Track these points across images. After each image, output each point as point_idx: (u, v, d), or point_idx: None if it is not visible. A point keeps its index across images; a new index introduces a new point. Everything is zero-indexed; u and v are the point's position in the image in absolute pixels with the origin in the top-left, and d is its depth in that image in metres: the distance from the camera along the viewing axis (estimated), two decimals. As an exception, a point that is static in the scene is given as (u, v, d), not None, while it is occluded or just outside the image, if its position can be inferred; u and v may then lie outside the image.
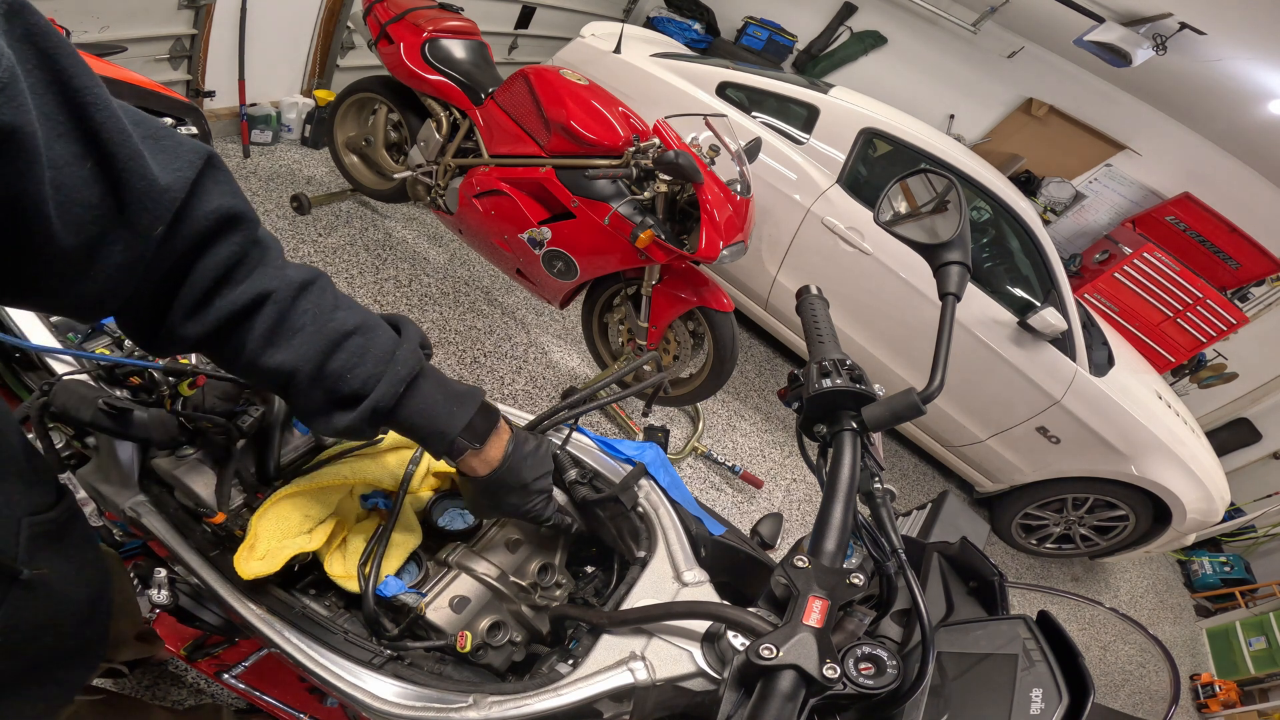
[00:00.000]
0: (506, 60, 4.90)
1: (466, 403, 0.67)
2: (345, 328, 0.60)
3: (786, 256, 3.18)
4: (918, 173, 0.92)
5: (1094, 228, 5.56)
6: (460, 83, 2.43)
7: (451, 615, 0.74)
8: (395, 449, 0.87)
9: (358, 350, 0.60)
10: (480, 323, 2.90)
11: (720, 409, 3.20)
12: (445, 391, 0.66)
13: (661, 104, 2.99)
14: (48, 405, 0.72)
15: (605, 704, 0.65)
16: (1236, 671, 3.78)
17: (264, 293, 0.55)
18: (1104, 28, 3.92)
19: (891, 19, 5.66)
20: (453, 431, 0.66)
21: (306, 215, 2.90)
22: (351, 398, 0.61)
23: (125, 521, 0.78)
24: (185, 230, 0.50)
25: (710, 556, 0.88)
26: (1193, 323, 4.63)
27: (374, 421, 0.62)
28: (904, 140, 3.01)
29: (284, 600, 0.73)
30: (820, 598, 0.57)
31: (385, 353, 0.62)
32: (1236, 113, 4.20)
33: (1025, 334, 2.89)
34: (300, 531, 0.74)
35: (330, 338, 0.59)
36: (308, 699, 0.95)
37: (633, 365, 0.99)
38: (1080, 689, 0.54)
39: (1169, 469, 2.95)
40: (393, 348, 0.63)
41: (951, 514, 2.66)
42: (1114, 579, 3.95)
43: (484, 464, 0.70)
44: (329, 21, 3.35)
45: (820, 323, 0.85)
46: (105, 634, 0.66)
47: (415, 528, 0.81)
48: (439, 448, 0.67)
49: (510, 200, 2.27)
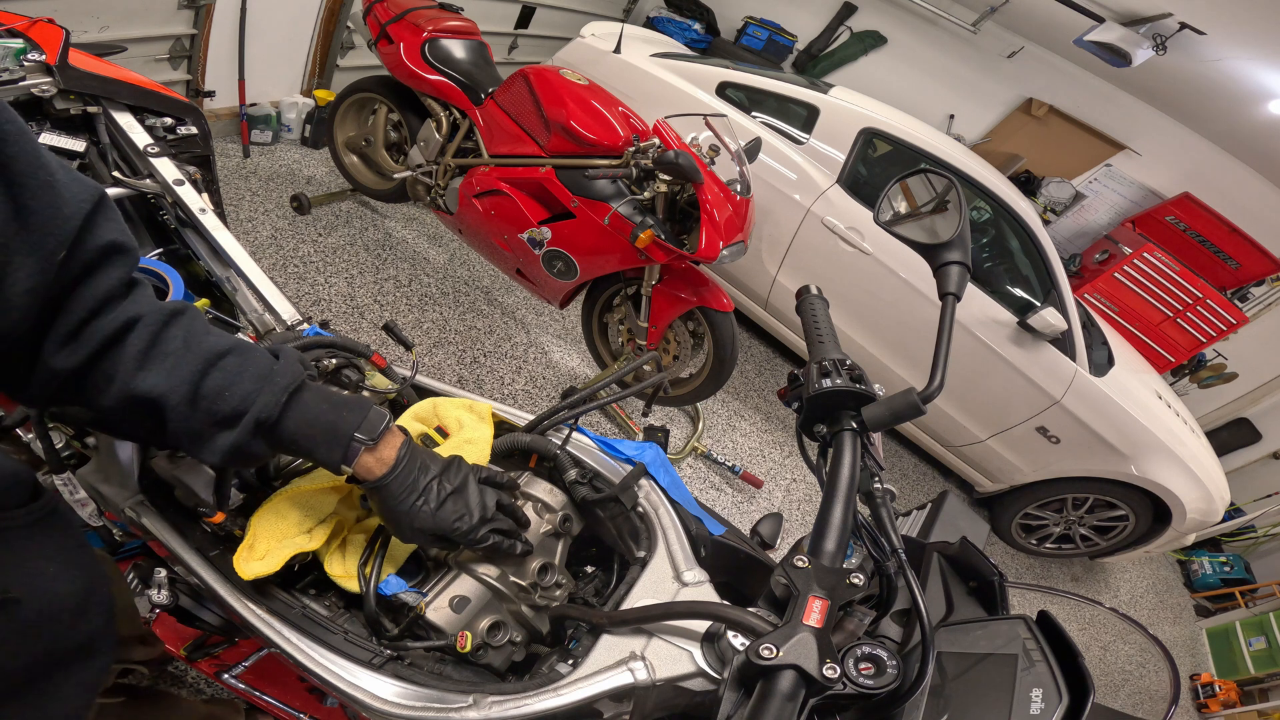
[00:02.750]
0: (506, 60, 4.90)
1: (357, 407, 0.66)
2: (219, 348, 0.60)
3: (786, 256, 3.18)
4: (918, 173, 0.92)
5: (1094, 228, 5.57)
6: (460, 83, 2.43)
7: (451, 615, 0.73)
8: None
9: (234, 369, 0.60)
10: (480, 323, 2.90)
11: (720, 409, 3.20)
12: (331, 400, 0.66)
13: (661, 104, 2.99)
14: (47, 405, 0.71)
15: (605, 704, 0.65)
16: (1236, 671, 3.78)
17: (135, 317, 0.56)
18: (1104, 28, 3.91)
19: (891, 19, 5.66)
20: (348, 428, 0.65)
21: (306, 215, 2.90)
22: (232, 415, 0.60)
23: (125, 521, 0.78)
24: (78, 258, 0.52)
25: (710, 556, 0.88)
26: (1193, 323, 4.63)
27: (259, 435, 0.61)
28: (904, 140, 3.01)
29: (284, 600, 0.73)
30: (820, 598, 0.57)
31: (263, 369, 0.61)
32: (1236, 113, 4.19)
33: (1025, 334, 2.89)
34: (300, 531, 0.74)
35: (204, 357, 0.59)
36: (308, 699, 0.95)
37: (633, 365, 0.99)
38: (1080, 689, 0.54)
39: (1169, 469, 2.95)
40: (270, 364, 0.62)
41: (951, 514, 2.66)
42: (1114, 579, 3.95)
43: (380, 462, 0.68)
44: (329, 21, 3.35)
45: (820, 323, 0.85)
46: (110, 627, 0.66)
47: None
48: (334, 452, 0.65)
49: (510, 200, 2.27)
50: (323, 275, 2.69)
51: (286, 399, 0.62)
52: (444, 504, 0.70)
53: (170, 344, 0.58)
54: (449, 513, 0.70)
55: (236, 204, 2.81)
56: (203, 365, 0.59)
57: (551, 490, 0.87)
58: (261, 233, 2.73)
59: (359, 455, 0.66)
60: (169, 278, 1.02)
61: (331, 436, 0.65)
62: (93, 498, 0.80)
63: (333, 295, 2.62)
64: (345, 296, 2.65)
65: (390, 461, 0.68)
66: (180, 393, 0.57)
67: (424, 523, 0.69)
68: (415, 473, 0.69)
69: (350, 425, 0.65)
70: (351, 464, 0.66)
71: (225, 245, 1.13)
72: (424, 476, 0.70)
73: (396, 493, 0.68)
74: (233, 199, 2.82)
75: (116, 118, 1.20)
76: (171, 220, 1.18)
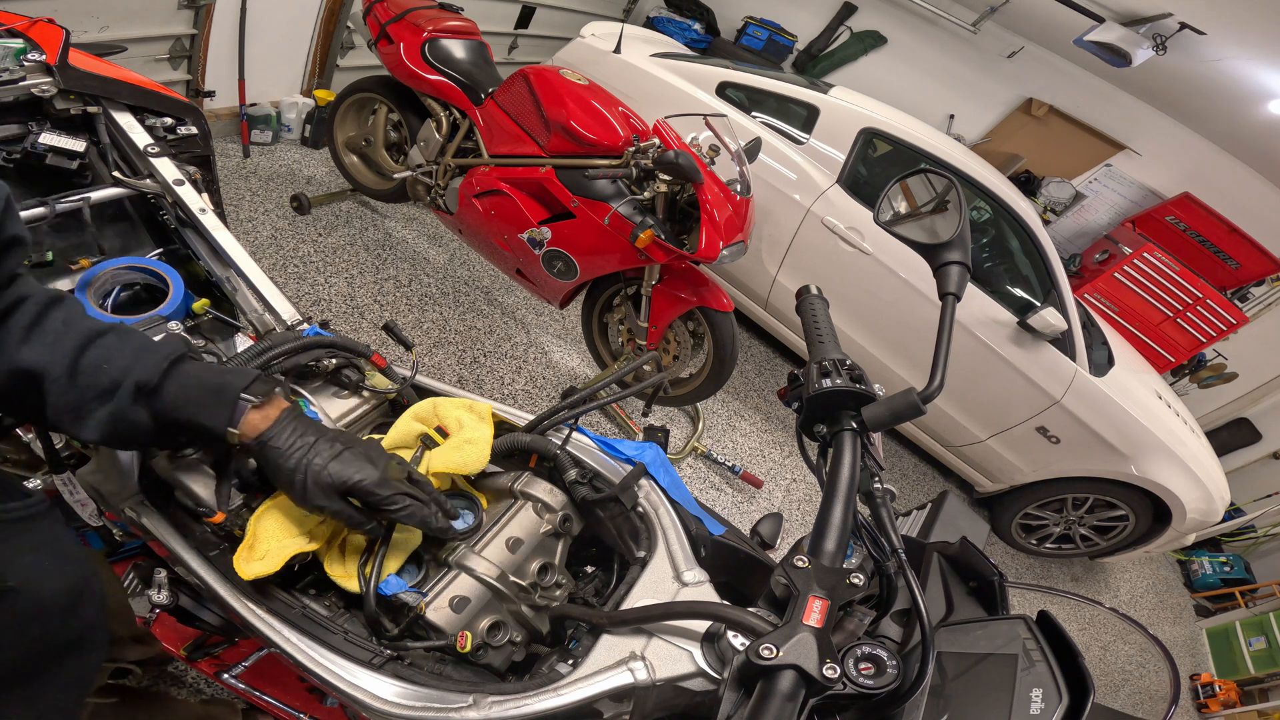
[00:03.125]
0: (506, 60, 4.90)
1: (243, 374, 0.67)
2: (99, 329, 0.62)
3: (786, 256, 3.18)
4: (918, 173, 0.92)
5: (1094, 228, 5.56)
6: (460, 83, 2.43)
7: (451, 615, 0.73)
8: (395, 449, 0.87)
9: (113, 345, 0.62)
10: (480, 323, 2.90)
11: (720, 409, 3.20)
12: (215, 369, 0.67)
13: (661, 104, 2.99)
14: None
15: (605, 704, 0.65)
16: (1236, 671, 3.78)
17: (22, 296, 0.61)
18: (1104, 28, 3.91)
19: (891, 19, 5.66)
20: (234, 387, 0.64)
21: (306, 215, 2.90)
22: (111, 386, 0.61)
23: (125, 521, 0.78)
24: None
25: (710, 556, 0.88)
26: (1193, 323, 4.63)
27: (139, 402, 0.61)
28: (904, 140, 3.01)
29: (284, 600, 0.73)
30: (820, 598, 0.57)
31: (143, 344, 0.63)
32: (1236, 113, 4.19)
33: (1025, 334, 2.89)
34: (300, 531, 0.74)
35: (84, 335, 0.61)
36: (308, 699, 0.96)
37: (633, 365, 0.99)
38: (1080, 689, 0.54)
39: (1169, 469, 2.95)
40: (149, 340, 0.64)
41: (951, 514, 2.66)
42: (1114, 579, 3.95)
43: (266, 418, 0.66)
44: (329, 21, 3.35)
45: (820, 323, 0.85)
46: (101, 623, 0.66)
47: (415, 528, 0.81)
48: (220, 412, 0.64)
49: (510, 200, 2.27)
50: (323, 275, 2.69)
51: (168, 365, 0.63)
52: (340, 457, 0.68)
53: (52, 323, 0.61)
54: (346, 466, 0.67)
55: (236, 204, 2.81)
56: (82, 341, 0.61)
57: (551, 490, 0.87)
58: (261, 233, 2.73)
59: (245, 414, 0.65)
60: (169, 278, 1.02)
61: (217, 397, 0.64)
62: (93, 498, 0.80)
63: (333, 295, 2.62)
64: (345, 296, 2.65)
65: (274, 418, 0.67)
66: (60, 366, 0.59)
67: (318, 476, 0.66)
68: (304, 427, 0.68)
69: (237, 385, 0.65)
70: (238, 424, 0.65)
71: (225, 245, 1.13)
72: (314, 432, 0.69)
73: (284, 447, 0.66)
74: (233, 199, 2.82)
75: (116, 118, 1.20)
76: (171, 220, 1.18)
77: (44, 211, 1.01)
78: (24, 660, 0.56)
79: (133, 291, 1.05)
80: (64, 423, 0.62)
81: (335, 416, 0.90)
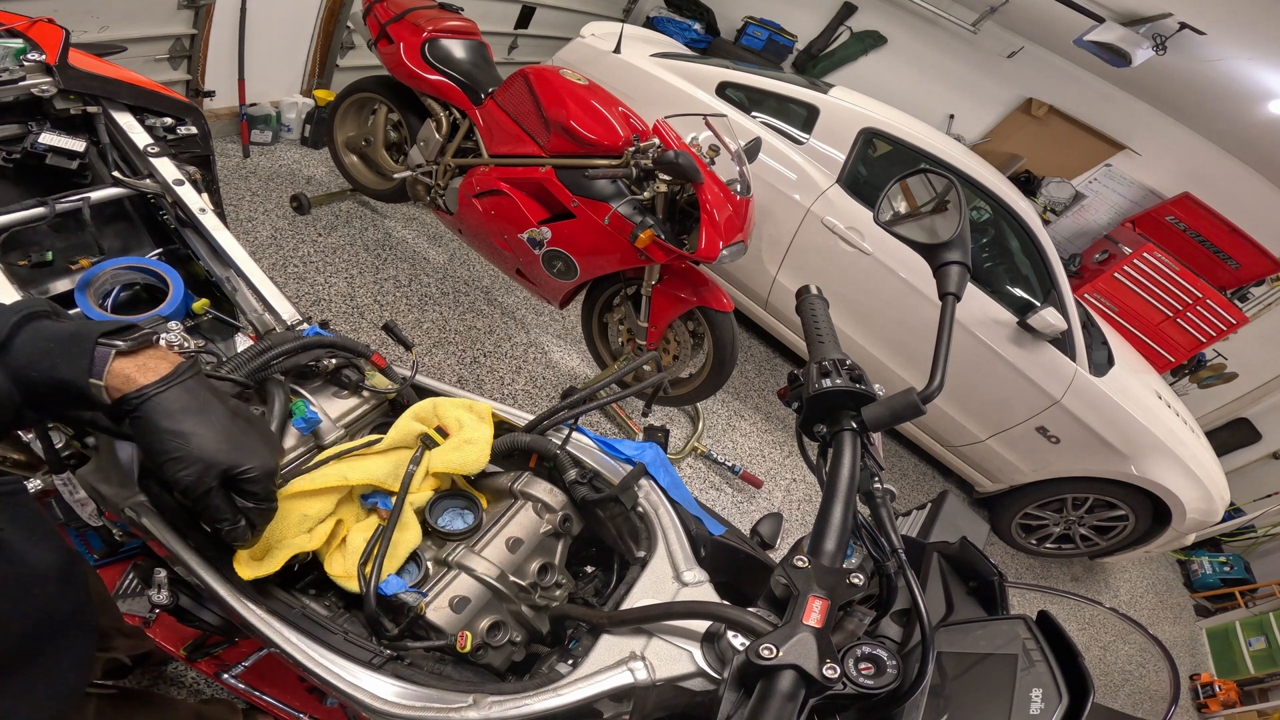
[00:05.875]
0: (506, 60, 4.90)
1: (112, 323, 0.58)
2: None
3: (786, 256, 3.18)
4: (917, 173, 0.92)
5: (1094, 228, 5.56)
6: (460, 83, 2.43)
7: (451, 615, 0.73)
8: (395, 449, 0.86)
9: None
10: (480, 323, 2.90)
11: (720, 409, 3.20)
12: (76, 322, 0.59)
13: (661, 104, 2.99)
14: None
15: (605, 704, 0.64)
16: (1236, 671, 3.78)
17: None
18: (1104, 28, 3.91)
19: (891, 19, 5.66)
20: (91, 332, 0.56)
21: (306, 215, 2.90)
22: None
23: (125, 521, 0.78)
24: None
25: (710, 556, 0.88)
26: (1192, 323, 4.63)
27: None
28: (904, 140, 3.01)
29: (284, 600, 0.73)
30: (820, 598, 0.57)
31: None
32: (1236, 113, 4.19)
33: (1025, 334, 2.89)
34: (300, 531, 0.74)
35: None
36: (308, 699, 0.96)
37: (633, 365, 0.99)
38: (1080, 689, 0.54)
39: (1169, 469, 2.95)
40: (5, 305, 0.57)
41: (951, 514, 2.66)
42: (1114, 579, 3.95)
43: (144, 370, 0.57)
44: (329, 21, 3.35)
45: (820, 323, 0.85)
46: (89, 604, 0.66)
47: (415, 528, 0.81)
48: (78, 361, 0.55)
49: (510, 200, 2.27)
50: (323, 275, 2.69)
51: (19, 319, 0.55)
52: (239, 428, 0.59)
53: None
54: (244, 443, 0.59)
55: (236, 204, 2.81)
56: None
57: (551, 490, 0.87)
58: (261, 233, 2.73)
59: (110, 362, 0.55)
60: (169, 278, 1.02)
61: (72, 344, 0.55)
62: (93, 498, 0.80)
63: (333, 295, 2.62)
64: (345, 296, 2.65)
65: (163, 372, 0.57)
66: None
67: (206, 450, 0.57)
68: (202, 391, 0.59)
69: (95, 330, 0.56)
70: (102, 376, 0.55)
71: (225, 245, 1.13)
72: (214, 397, 0.60)
73: (170, 407, 0.56)
74: (233, 199, 2.82)
75: (116, 118, 1.20)
76: (171, 220, 1.18)
77: (44, 211, 1.01)
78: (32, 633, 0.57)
79: (133, 291, 1.05)
80: None
81: (335, 416, 0.90)
